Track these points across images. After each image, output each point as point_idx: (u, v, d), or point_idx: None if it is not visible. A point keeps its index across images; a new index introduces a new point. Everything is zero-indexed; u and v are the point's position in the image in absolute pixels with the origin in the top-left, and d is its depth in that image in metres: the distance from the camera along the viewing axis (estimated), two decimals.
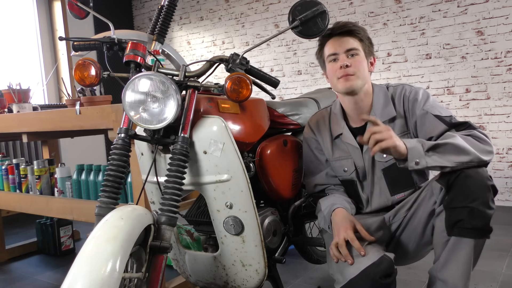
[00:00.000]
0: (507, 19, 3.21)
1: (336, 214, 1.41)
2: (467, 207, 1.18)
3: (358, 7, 3.82)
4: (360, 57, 1.43)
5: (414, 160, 1.24)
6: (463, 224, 1.19)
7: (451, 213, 1.22)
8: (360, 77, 1.42)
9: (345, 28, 1.43)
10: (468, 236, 1.19)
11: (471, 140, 1.26)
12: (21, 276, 2.47)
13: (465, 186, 1.21)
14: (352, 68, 1.41)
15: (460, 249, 1.21)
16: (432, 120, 1.37)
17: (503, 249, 2.42)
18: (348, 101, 1.48)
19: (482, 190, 1.19)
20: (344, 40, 1.43)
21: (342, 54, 1.42)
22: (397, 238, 1.45)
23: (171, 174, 1.19)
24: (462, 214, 1.19)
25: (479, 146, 1.25)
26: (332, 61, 1.45)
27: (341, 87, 1.44)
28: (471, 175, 1.21)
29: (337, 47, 1.43)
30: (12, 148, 3.79)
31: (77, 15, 1.60)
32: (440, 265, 1.25)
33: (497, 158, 3.34)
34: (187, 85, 1.27)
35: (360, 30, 1.45)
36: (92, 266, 0.91)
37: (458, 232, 1.20)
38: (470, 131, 1.30)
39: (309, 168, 1.62)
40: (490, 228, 1.20)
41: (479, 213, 1.18)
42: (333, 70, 1.45)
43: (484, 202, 1.18)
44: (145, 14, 5.21)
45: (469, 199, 1.18)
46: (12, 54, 4.16)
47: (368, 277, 1.21)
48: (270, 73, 4.24)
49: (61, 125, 1.93)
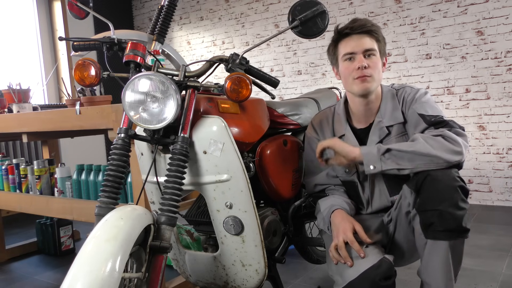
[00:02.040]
0: (507, 19, 3.21)
1: (335, 216, 1.41)
2: (436, 210, 1.18)
3: (358, 7, 3.82)
4: (376, 58, 1.41)
5: (370, 164, 1.29)
6: (435, 227, 1.19)
7: (423, 216, 1.23)
8: (376, 79, 1.40)
9: (364, 28, 1.40)
10: (442, 238, 1.20)
11: (439, 140, 1.26)
12: (21, 276, 2.47)
13: (433, 189, 1.21)
14: (369, 69, 1.38)
15: (436, 251, 1.22)
16: (416, 118, 1.39)
17: (503, 249, 2.42)
18: (359, 102, 1.46)
19: (449, 191, 1.19)
20: (362, 40, 1.39)
21: (359, 54, 1.39)
22: (391, 238, 1.45)
23: (171, 174, 1.19)
24: (433, 217, 1.19)
25: (446, 147, 1.25)
26: (348, 60, 1.41)
27: (356, 89, 1.41)
28: (438, 178, 1.21)
29: (355, 47, 1.39)
30: (12, 148, 3.79)
31: (77, 15, 1.60)
32: (423, 268, 1.26)
33: (497, 158, 3.34)
34: (187, 85, 1.27)
35: (378, 30, 1.42)
36: (92, 266, 0.91)
37: (432, 235, 1.21)
38: (441, 131, 1.29)
39: (310, 168, 1.61)
40: (463, 228, 1.20)
41: (449, 215, 1.18)
42: (349, 70, 1.41)
43: (452, 203, 1.18)
44: (145, 14, 5.21)
45: (437, 201, 1.19)
46: (12, 54, 4.16)
47: (368, 279, 1.21)
48: (270, 73, 4.24)
49: (61, 125, 1.93)
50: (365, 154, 1.31)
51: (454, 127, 1.31)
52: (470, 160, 3.44)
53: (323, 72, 4.05)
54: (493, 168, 3.36)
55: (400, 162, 1.26)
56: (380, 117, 1.45)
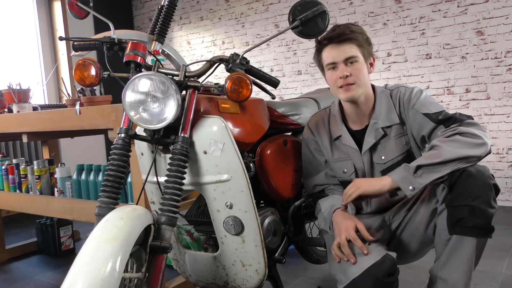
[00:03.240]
0: (507, 19, 3.21)
1: (337, 215, 1.41)
2: (468, 206, 1.18)
3: (358, 7, 3.82)
4: (359, 64, 1.40)
5: (409, 188, 1.25)
6: (464, 222, 1.19)
7: (452, 211, 1.22)
8: (360, 85, 1.41)
9: (342, 37, 1.39)
10: (470, 234, 1.19)
11: (459, 139, 1.25)
12: (21, 276, 2.47)
13: (467, 185, 1.21)
14: (352, 77, 1.39)
15: (461, 247, 1.21)
16: (421, 118, 1.38)
17: (503, 249, 2.42)
18: (350, 106, 1.48)
19: (484, 188, 1.19)
20: (342, 49, 1.39)
21: (341, 63, 1.39)
22: (398, 237, 1.45)
23: (171, 174, 1.19)
24: (464, 212, 1.19)
25: (468, 143, 1.24)
26: (331, 69, 1.43)
27: (342, 96, 1.43)
28: (473, 174, 1.21)
29: (335, 56, 1.40)
30: (12, 148, 3.79)
31: (77, 15, 1.60)
32: (441, 264, 1.25)
33: (497, 158, 3.34)
34: (187, 85, 1.27)
35: (357, 35, 1.40)
36: (92, 266, 0.91)
37: (460, 231, 1.20)
38: (456, 129, 1.28)
39: (308, 169, 1.62)
40: (491, 227, 1.20)
41: (481, 211, 1.18)
42: (333, 80, 1.43)
43: (485, 200, 1.18)
44: (145, 14, 5.21)
45: (471, 198, 1.18)
46: (12, 54, 4.16)
47: (371, 276, 1.21)
48: (270, 73, 4.24)
49: (61, 125, 1.93)
50: (399, 181, 1.27)
51: (463, 120, 1.30)
52: None
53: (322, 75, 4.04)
54: (493, 168, 3.36)
55: (433, 174, 1.24)
56: (375, 118, 1.45)
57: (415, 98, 1.41)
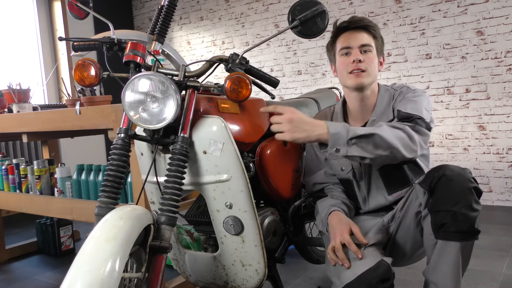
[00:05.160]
0: (507, 19, 3.21)
1: (332, 218, 1.41)
2: (450, 211, 1.18)
3: (358, 7, 3.82)
4: (372, 54, 1.43)
5: (335, 147, 1.26)
6: (447, 227, 1.19)
7: (435, 216, 1.22)
8: (370, 74, 1.42)
9: (361, 23, 1.43)
10: (454, 239, 1.20)
11: (399, 133, 1.28)
12: (21, 276, 2.47)
13: (447, 189, 1.20)
14: (364, 64, 1.40)
15: (447, 252, 1.21)
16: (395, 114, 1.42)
17: (503, 249, 2.42)
18: (355, 97, 1.48)
19: (464, 193, 1.19)
20: (359, 35, 1.42)
21: (355, 48, 1.41)
22: (392, 238, 1.45)
23: (171, 174, 1.19)
24: (446, 218, 1.19)
25: (404, 141, 1.28)
26: (344, 55, 1.44)
27: (350, 82, 1.43)
28: (453, 178, 1.21)
29: (351, 41, 1.42)
30: (12, 148, 3.79)
31: (77, 15, 1.60)
32: (431, 268, 1.26)
33: (497, 158, 3.34)
34: (187, 85, 1.27)
35: (375, 27, 1.45)
36: (91, 266, 0.91)
37: (444, 236, 1.21)
38: (403, 126, 1.31)
39: (310, 167, 1.62)
40: (475, 229, 1.20)
41: (463, 216, 1.17)
42: (345, 64, 1.44)
43: (466, 205, 1.18)
44: (145, 14, 5.21)
45: (451, 203, 1.18)
46: (12, 54, 4.16)
47: (365, 282, 1.21)
48: (270, 73, 4.24)
49: (61, 125, 1.93)
50: (332, 135, 1.26)
51: (419, 125, 1.33)
52: (470, 160, 3.44)
53: (323, 72, 4.04)
54: (493, 168, 3.36)
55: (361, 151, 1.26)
56: (375, 115, 1.46)
57: (406, 95, 1.43)
